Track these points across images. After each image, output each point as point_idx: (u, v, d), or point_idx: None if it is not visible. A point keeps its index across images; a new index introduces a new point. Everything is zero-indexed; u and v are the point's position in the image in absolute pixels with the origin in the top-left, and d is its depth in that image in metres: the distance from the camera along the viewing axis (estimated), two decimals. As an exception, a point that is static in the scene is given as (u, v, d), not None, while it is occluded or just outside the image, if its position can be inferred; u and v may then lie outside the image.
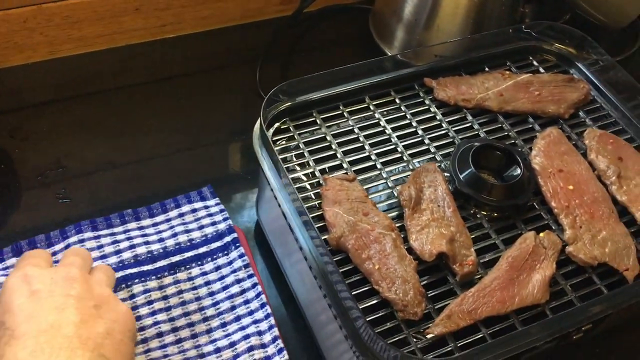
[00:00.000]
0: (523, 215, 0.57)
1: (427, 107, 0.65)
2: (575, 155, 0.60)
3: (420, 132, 0.62)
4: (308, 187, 0.57)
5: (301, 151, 0.59)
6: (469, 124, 0.64)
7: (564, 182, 0.58)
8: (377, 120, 0.63)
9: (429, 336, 0.48)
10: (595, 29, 0.87)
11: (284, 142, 0.60)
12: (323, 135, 0.61)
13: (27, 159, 0.70)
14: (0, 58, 0.77)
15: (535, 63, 0.70)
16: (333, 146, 0.60)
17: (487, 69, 0.69)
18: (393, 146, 0.61)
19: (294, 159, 0.59)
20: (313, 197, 0.57)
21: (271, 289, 0.63)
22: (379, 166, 0.59)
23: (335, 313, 0.48)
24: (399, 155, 0.60)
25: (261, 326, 0.58)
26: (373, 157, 0.60)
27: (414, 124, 0.63)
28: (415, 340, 0.48)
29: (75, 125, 0.74)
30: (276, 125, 0.61)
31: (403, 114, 0.64)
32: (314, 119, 0.62)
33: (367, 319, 0.47)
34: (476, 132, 0.63)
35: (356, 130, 0.62)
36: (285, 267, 0.62)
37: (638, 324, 0.62)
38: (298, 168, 0.59)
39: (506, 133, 0.63)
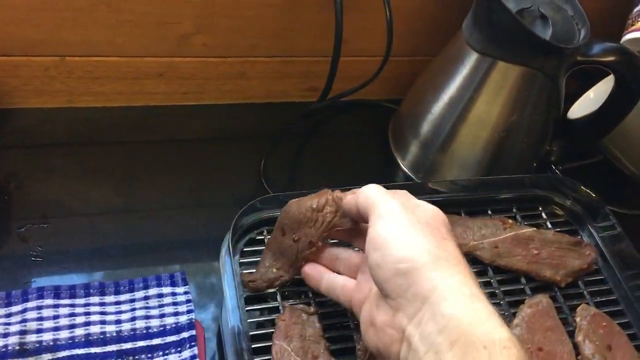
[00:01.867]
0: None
1: (414, 244, 0.61)
2: (561, 334, 0.56)
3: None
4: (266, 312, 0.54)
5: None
6: (455, 272, 0.60)
7: (540, 363, 0.53)
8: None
9: None
10: (623, 178, 0.82)
11: (256, 254, 0.58)
12: (298, 254, 0.58)
13: (15, 207, 0.69)
14: (18, 99, 0.77)
15: (543, 215, 0.66)
16: (305, 269, 0.57)
17: (489, 212, 0.65)
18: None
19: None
20: (270, 323, 0.54)
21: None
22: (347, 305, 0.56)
23: None
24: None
25: None
26: (343, 289, 0.56)
27: (397, 260, 0.59)
28: None
29: (74, 176, 0.73)
30: (252, 234, 0.59)
31: (388, 247, 0.60)
32: (292, 233, 0.59)
33: None
34: (460, 283, 0.59)
35: (334, 255, 0.58)
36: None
37: None
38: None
39: (493, 290, 0.59)
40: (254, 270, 0.55)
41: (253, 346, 0.50)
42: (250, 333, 0.51)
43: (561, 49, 0.64)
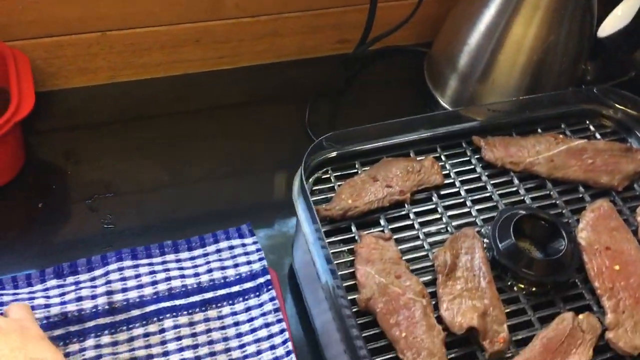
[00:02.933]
0: (563, 293, 0.54)
1: (472, 166, 0.63)
2: (626, 233, 0.58)
3: (463, 192, 0.61)
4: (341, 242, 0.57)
5: (340, 203, 0.59)
6: (515, 189, 0.62)
7: (610, 261, 0.55)
8: (420, 177, 0.62)
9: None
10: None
11: (323, 192, 0.60)
12: (363, 188, 0.60)
13: (77, 182, 0.72)
14: (62, 79, 0.80)
15: (592, 128, 0.68)
16: (372, 200, 0.59)
17: (539, 130, 0.67)
18: (433, 205, 0.60)
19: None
20: (347, 252, 0.56)
21: (297, 334, 0.62)
22: (416, 226, 0.58)
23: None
24: (438, 215, 0.59)
25: (285, 373, 0.58)
26: (412, 215, 0.59)
27: (457, 183, 0.62)
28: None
29: (127, 149, 0.76)
30: (317, 174, 0.61)
31: (447, 172, 0.62)
32: (356, 170, 0.62)
33: (388, 388, 0.47)
34: (522, 198, 0.61)
35: (398, 186, 0.61)
36: (313, 315, 0.62)
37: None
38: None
39: (553, 201, 0.61)
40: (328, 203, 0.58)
41: (340, 273, 0.53)
42: (335, 262, 0.53)
43: (594, -37, 0.65)
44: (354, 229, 0.57)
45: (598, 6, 0.77)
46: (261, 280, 0.65)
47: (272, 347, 0.60)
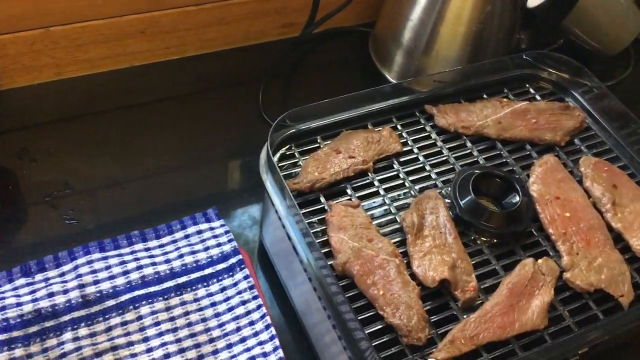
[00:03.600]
0: (522, 242, 0.58)
1: (427, 133, 0.66)
2: (572, 183, 0.62)
3: (421, 158, 0.64)
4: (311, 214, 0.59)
5: (306, 177, 0.61)
6: (469, 151, 0.66)
7: (560, 210, 0.60)
8: (379, 147, 0.64)
9: (432, 361, 0.50)
10: (587, 55, 0.90)
11: (288, 169, 0.62)
12: (327, 161, 0.62)
13: (34, 180, 0.71)
14: (6, 79, 0.78)
15: (532, 91, 0.72)
16: (337, 172, 0.62)
17: (485, 96, 0.71)
18: (395, 172, 0.63)
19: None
20: (317, 223, 0.58)
21: (274, 310, 0.64)
22: (381, 192, 0.61)
23: (340, 335, 0.49)
24: (401, 181, 0.62)
25: (266, 347, 0.60)
26: (376, 183, 0.61)
27: (415, 150, 0.65)
28: (418, 364, 0.50)
29: (81, 145, 0.75)
30: (281, 151, 0.63)
31: (405, 140, 0.65)
32: (318, 144, 0.64)
33: (373, 344, 0.49)
34: (475, 159, 0.65)
35: (359, 157, 0.63)
36: (289, 289, 0.63)
37: (633, 347, 0.64)
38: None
39: (504, 160, 0.65)
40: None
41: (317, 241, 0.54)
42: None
43: None
44: (322, 199, 0.59)
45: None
46: (233, 260, 0.66)
47: (251, 323, 0.61)
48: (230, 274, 0.65)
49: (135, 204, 0.71)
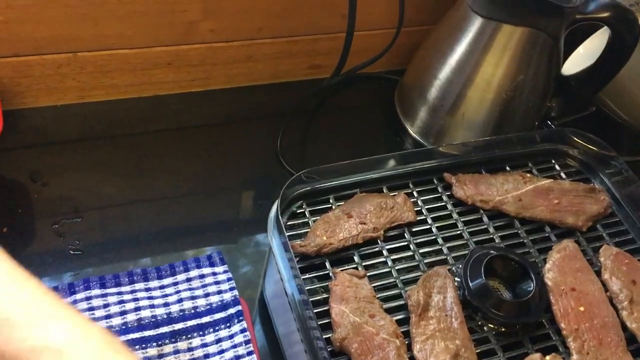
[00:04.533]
0: (531, 333, 0.56)
1: (444, 203, 0.65)
2: (589, 274, 0.60)
3: (434, 230, 0.62)
4: (317, 280, 0.57)
5: (314, 239, 0.59)
6: (485, 227, 0.63)
7: (575, 302, 0.57)
8: (393, 213, 0.63)
9: None
10: (618, 127, 0.87)
11: (297, 228, 0.60)
12: (337, 224, 0.61)
13: (45, 205, 0.70)
14: (30, 98, 0.78)
15: (557, 167, 0.70)
16: (346, 236, 0.60)
17: (508, 168, 0.69)
18: (406, 243, 0.61)
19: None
20: (322, 290, 0.56)
21: (269, 365, 0.63)
22: (389, 263, 0.59)
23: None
24: (410, 253, 0.60)
25: (255, 408, 0.58)
26: (385, 252, 0.60)
27: (429, 220, 0.63)
28: None
29: (97, 170, 0.74)
30: (292, 208, 0.61)
31: (419, 208, 0.63)
32: (330, 205, 0.62)
33: None
34: (491, 236, 0.63)
35: (371, 221, 0.62)
36: (284, 347, 0.62)
37: None
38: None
39: (522, 240, 0.63)
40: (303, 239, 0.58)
41: (315, 310, 0.53)
42: (311, 299, 0.53)
43: (562, 8, 0.68)
44: (328, 265, 0.58)
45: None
46: (232, 310, 0.65)
47: (243, 381, 0.60)
48: (228, 324, 0.64)
49: (143, 234, 0.70)
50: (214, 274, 0.68)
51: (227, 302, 0.65)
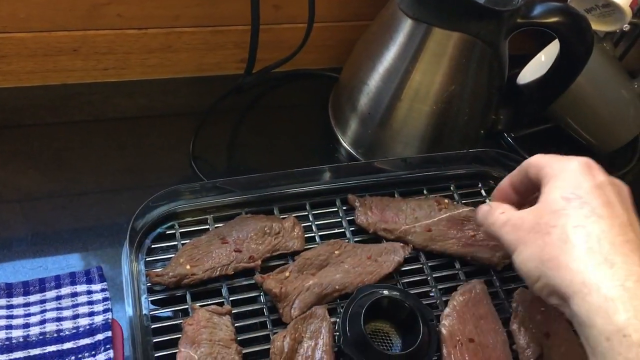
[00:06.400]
0: (413, 391, 0.48)
1: (342, 230, 0.57)
2: (494, 323, 0.52)
3: (324, 261, 0.54)
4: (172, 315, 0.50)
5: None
6: (384, 260, 0.55)
7: (471, 356, 0.49)
8: (280, 238, 0.55)
9: None
10: (576, 147, 0.78)
11: (164, 251, 0.53)
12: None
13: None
14: None
15: (483, 192, 0.62)
16: (219, 264, 0.52)
17: (425, 191, 0.60)
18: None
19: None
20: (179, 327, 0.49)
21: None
22: (262, 299, 0.51)
23: None
24: (291, 288, 0.52)
25: None
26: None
27: (322, 250, 0.55)
28: None
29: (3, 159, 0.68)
30: (162, 228, 0.54)
31: (312, 235, 0.56)
32: (208, 226, 0.55)
33: None
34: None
35: (252, 247, 0.54)
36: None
37: None
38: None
39: (425, 277, 0.55)
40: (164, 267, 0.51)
41: (157, 354, 0.46)
42: (155, 340, 0.46)
43: (497, 11, 0.59)
44: (188, 299, 0.50)
45: (528, 45, 0.70)
46: (100, 337, 0.58)
47: (96, 421, 0.53)
48: (93, 353, 0.57)
49: (20, 235, 0.63)
50: (89, 292, 0.60)
51: (96, 326, 0.58)
